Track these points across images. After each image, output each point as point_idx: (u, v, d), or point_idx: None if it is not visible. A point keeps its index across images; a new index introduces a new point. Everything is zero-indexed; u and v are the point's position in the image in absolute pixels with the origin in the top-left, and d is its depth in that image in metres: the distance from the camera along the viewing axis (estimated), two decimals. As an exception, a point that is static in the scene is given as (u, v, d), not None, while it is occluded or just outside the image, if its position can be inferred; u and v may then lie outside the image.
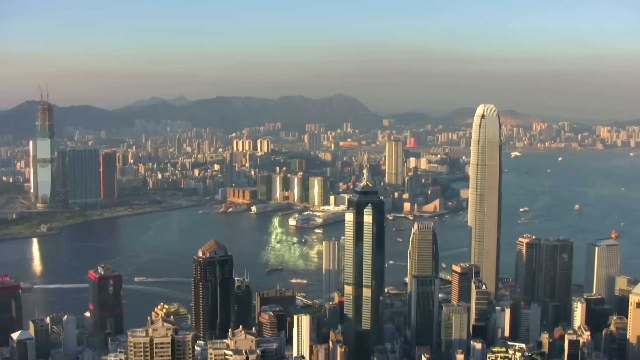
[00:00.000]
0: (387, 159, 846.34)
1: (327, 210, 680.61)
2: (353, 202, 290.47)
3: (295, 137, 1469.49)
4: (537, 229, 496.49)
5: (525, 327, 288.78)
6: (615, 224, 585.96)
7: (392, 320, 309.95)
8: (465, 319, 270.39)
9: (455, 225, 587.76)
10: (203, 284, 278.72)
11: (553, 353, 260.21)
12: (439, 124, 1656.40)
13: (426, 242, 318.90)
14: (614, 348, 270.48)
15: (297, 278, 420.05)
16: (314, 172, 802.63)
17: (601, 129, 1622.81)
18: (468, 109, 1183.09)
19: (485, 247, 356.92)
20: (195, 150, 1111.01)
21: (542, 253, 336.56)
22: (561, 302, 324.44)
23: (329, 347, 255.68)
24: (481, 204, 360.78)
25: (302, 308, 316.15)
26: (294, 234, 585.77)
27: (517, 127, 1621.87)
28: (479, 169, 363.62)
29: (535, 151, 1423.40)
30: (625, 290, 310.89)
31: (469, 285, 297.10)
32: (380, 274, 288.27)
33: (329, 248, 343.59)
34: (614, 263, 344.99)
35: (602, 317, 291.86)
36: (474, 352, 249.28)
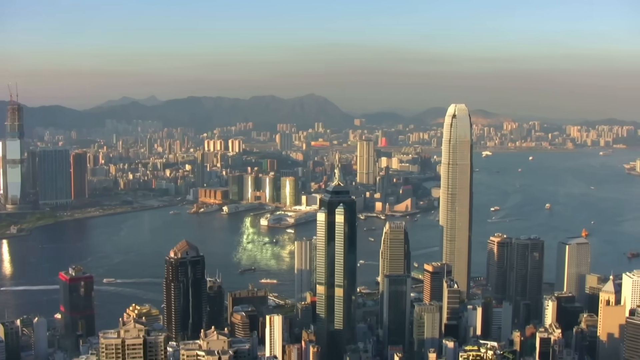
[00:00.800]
0: (358, 158, 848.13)
1: (299, 210, 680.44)
2: (325, 202, 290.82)
3: (266, 137, 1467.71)
4: (508, 227, 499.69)
5: (497, 326, 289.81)
6: (586, 222, 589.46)
7: (365, 320, 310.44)
8: (437, 318, 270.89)
9: (426, 224, 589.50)
10: (175, 285, 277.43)
11: (524, 351, 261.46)
12: (410, 123, 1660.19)
13: (398, 242, 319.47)
14: (584, 345, 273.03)
15: (268, 278, 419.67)
16: (285, 172, 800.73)
17: (571, 129, 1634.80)
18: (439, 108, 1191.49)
19: (457, 246, 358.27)
20: (167, 150, 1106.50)
21: (514, 252, 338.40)
22: (532, 300, 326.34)
23: (302, 347, 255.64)
24: (452, 203, 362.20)
25: (274, 308, 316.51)
26: (266, 234, 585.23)
27: (488, 126, 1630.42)
28: (450, 168, 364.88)
29: (506, 150, 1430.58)
30: (596, 288, 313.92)
31: (440, 284, 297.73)
32: (352, 273, 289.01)
33: (301, 248, 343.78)
34: (584, 261, 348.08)
35: (572, 315, 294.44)
36: (446, 351, 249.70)
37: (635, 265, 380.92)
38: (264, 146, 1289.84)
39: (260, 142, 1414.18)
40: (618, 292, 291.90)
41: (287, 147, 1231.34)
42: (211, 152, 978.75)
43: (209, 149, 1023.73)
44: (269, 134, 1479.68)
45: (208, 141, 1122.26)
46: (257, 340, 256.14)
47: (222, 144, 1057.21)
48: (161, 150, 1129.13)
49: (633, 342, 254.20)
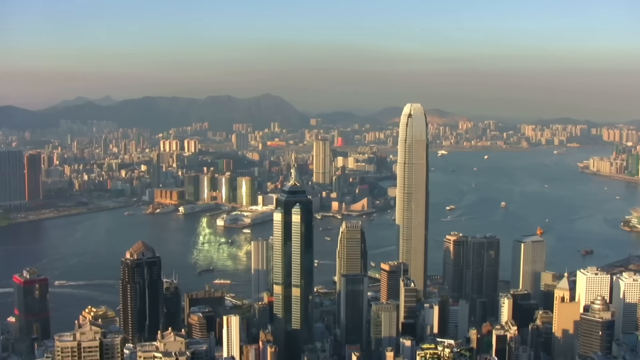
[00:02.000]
0: (314, 158, 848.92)
1: (255, 210, 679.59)
2: (281, 202, 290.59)
3: (222, 137, 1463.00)
4: (464, 226, 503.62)
5: (454, 324, 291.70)
6: (540, 220, 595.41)
7: (322, 319, 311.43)
8: (394, 317, 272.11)
9: (383, 223, 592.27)
10: (131, 286, 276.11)
11: (481, 348, 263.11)
12: (366, 123, 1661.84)
13: (354, 241, 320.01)
14: (540, 342, 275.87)
15: (222, 279, 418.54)
16: (241, 172, 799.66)
17: (526, 128, 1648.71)
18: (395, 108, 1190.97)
19: (413, 245, 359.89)
20: (122, 150, 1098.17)
21: (469, 250, 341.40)
22: (488, 298, 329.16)
23: (259, 347, 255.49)
24: (409, 203, 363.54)
25: (231, 308, 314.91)
26: (222, 234, 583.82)
27: (444, 125, 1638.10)
28: (406, 167, 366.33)
29: (462, 149, 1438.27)
30: (551, 285, 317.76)
31: (397, 283, 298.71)
32: (309, 273, 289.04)
33: (258, 248, 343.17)
34: (539, 259, 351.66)
35: (528, 312, 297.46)
36: (403, 350, 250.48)
37: (589, 262, 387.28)
38: (220, 146, 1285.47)
39: (216, 142, 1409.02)
40: (572, 289, 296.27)
41: (243, 147, 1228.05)
42: (167, 152, 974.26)
43: (165, 149, 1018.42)
44: (225, 134, 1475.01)
45: (164, 141, 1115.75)
46: (215, 341, 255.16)
47: (178, 144, 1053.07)
48: (116, 151, 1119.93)
49: (587, 337, 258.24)
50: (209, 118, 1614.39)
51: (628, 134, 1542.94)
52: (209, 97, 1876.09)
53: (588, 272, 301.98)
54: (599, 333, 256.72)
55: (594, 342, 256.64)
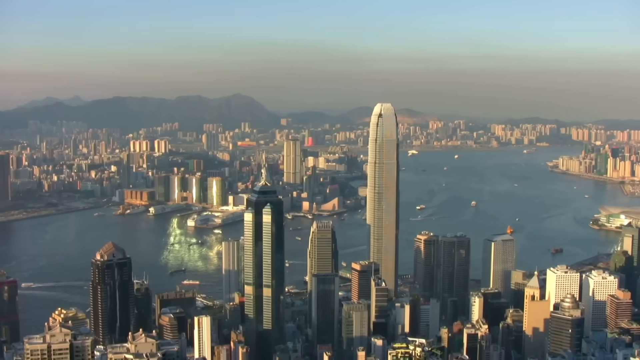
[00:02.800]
0: (285, 158, 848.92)
1: (226, 210, 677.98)
2: (252, 202, 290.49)
3: (193, 137, 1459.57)
4: (435, 225, 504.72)
5: (425, 323, 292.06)
6: (511, 219, 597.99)
7: (293, 319, 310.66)
8: (365, 316, 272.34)
9: (354, 223, 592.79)
10: (101, 288, 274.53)
11: (452, 347, 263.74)
12: (336, 123, 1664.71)
13: (325, 241, 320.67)
14: (510, 340, 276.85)
15: (190, 279, 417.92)
16: (212, 173, 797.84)
17: (496, 127, 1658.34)
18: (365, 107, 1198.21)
19: (384, 244, 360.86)
20: (92, 151, 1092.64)
21: (440, 249, 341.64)
22: (459, 297, 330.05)
23: (231, 347, 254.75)
24: (379, 202, 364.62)
25: (202, 309, 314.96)
26: (193, 235, 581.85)
27: (414, 125, 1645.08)
28: (376, 167, 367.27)
29: (432, 149, 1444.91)
30: (521, 284, 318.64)
31: (368, 282, 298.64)
32: (280, 273, 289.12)
33: (229, 248, 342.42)
34: (509, 258, 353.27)
35: (499, 310, 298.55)
36: (374, 349, 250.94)
37: (559, 260, 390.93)
38: (191, 146, 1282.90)
39: (187, 142, 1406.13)
40: (542, 287, 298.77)
41: (214, 147, 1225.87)
42: (137, 152, 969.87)
43: (135, 149, 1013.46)
44: (195, 134, 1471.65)
45: (134, 142, 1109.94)
46: (186, 341, 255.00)
47: (148, 144, 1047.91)
48: (86, 152, 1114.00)
49: (557, 335, 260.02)
50: (180, 118, 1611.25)
51: (597, 133, 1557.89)
52: (180, 97, 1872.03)
53: (558, 271, 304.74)
54: (568, 331, 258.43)
55: (564, 340, 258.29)
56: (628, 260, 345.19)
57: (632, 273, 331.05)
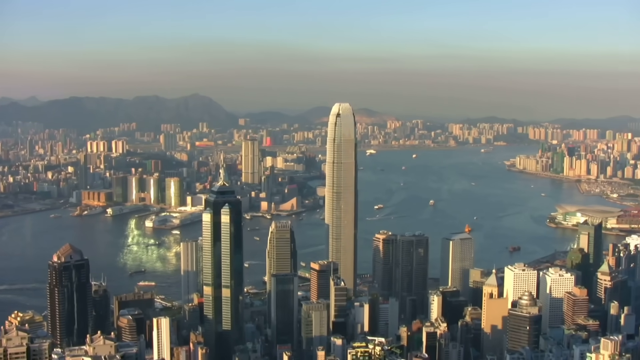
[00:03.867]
0: (243, 158, 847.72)
1: (184, 211, 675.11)
2: (210, 202, 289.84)
3: (150, 138, 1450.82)
4: (393, 225, 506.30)
5: (384, 322, 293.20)
6: (469, 218, 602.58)
7: (253, 320, 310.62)
8: (324, 316, 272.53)
9: (312, 223, 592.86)
10: (59, 290, 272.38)
11: (412, 346, 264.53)
12: (294, 122, 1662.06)
13: (284, 241, 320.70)
14: (469, 338, 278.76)
15: (145, 280, 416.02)
16: (170, 173, 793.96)
17: (454, 127, 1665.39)
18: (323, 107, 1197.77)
19: (343, 244, 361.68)
20: (48, 152, 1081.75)
21: (399, 248, 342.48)
22: (418, 295, 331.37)
23: (190, 348, 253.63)
24: (338, 202, 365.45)
25: (161, 310, 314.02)
26: (151, 236, 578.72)
27: (372, 125, 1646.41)
28: (335, 167, 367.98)
29: (390, 149, 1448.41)
30: (479, 282, 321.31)
31: (327, 282, 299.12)
32: (239, 273, 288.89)
33: (187, 249, 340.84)
34: (467, 256, 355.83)
35: (457, 308, 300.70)
36: (334, 348, 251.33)
37: (516, 258, 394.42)
38: (148, 147, 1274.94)
39: (144, 142, 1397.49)
40: (500, 285, 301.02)
41: (172, 148, 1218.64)
42: (94, 153, 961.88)
43: (92, 150, 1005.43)
44: (152, 134, 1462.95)
45: (91, 142, 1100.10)
46: (145, 343, 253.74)
47: (105, 145, 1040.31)
48: (42, 152, 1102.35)
49: (515, 332, 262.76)
50: (137, 118, 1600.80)
51: (553, 132, 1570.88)
52: (137, 97, 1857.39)
53: (515, 269, 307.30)
54: (526, 328, 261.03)
55: (522, 337, 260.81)
56: (584, 258, 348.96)
57: (588, 270, 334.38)
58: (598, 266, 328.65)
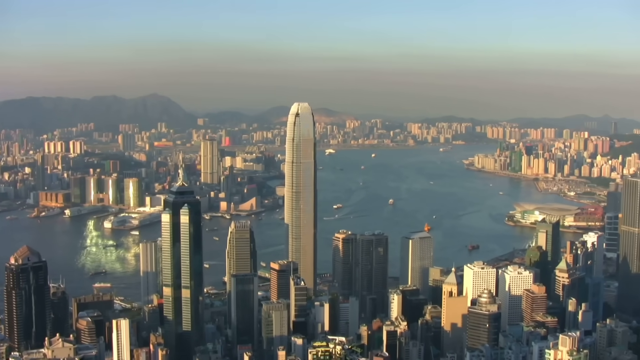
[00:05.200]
0: (202, 158, 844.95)
1: (143, 211, 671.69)
2: (169, 203, 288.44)
3: (108, 138, 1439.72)
4: (353, 224, 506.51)
5: (345, 321, 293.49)
6: (428, 217, 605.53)
7: (213, 320, 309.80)
8: (285, 316, 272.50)
9: (272, 223, 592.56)
10: (16, 292, 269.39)
11: (372, 344, 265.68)
12: (253, 122, 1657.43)
13: (243, 241, 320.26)
14: (429, 336, 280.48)
15: (101, 282, 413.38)
16: (128, 173, 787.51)
17: (412, 126, 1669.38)
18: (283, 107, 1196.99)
19: (302, 243, 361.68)
20: (4, 152, 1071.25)
21: (358, 248, 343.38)
22: (378, 294, 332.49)
23: (150, 350, 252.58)
24: (297, 202, 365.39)
25: (120, 312, 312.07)
26: (110, 237, 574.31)
27: (331, 124, 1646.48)
28: (294, 166, 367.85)
29: (349, 148, 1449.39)
30: (439, 280, 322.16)
31: (287, 282, 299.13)
32: (199, 274, 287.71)
33: (146, 250, 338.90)
34: (427, 255, 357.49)
35: (417, 307, 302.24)
36: (295, 348, 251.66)
37: (475, 257, 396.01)
38: (106, 147, 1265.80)
39: (103, 143, 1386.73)
40: (460, 284, 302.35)
41: (130, 148, 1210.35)
42: (51, 154, 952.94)
43: (49, 150, 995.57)
44: (111, 134, 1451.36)
45: (48, 143, 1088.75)
46: (104, 345, 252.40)
47: (63, 145, 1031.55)
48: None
49: (475, 330, 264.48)
50: (95, 118, 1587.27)
51: (511, 131, 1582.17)
52: (95, 97, 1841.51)
53: (474, 267, 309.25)
54: (486, 325, 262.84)
55: (481, 335, 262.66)
56: (542, 255, 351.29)
57: (546, 268, 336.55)
58: (556, 264, 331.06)
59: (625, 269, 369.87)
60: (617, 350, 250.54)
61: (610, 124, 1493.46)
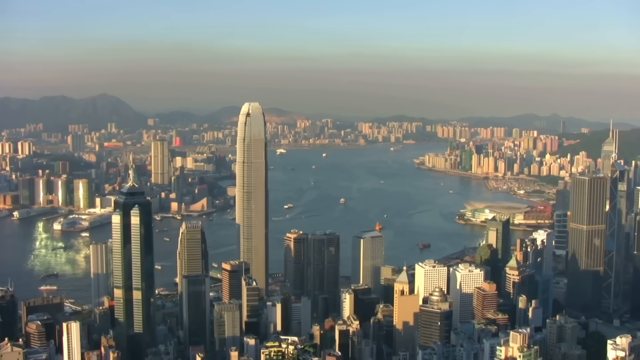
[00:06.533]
0: (152, 159, 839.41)
1: (94, 213, 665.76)
2: (119, 204, 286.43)
3: (58, 139, 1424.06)
4: (305, 224, 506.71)
5: (297, 321, 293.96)
6: (379, 216, 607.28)
7: (165, 322, 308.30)
8: (237, 316, 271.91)
9: (223, 223, 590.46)
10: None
11: (325, 344, 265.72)
12: (204, 122, 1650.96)
13: (195, 242, 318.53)
14: (382, 335, 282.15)
15: (48, 284, 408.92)
16: (78, 174, 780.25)
17: (363, 125, 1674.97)
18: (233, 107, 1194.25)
19: (254, 244, 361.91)
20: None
21: (310, 247, 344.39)
22: (330, 294, 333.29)
23: (101, 353, 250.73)
24: (248, 202, 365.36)
25: (71, 315, 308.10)
26: (60, 239, 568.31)
27: (282, 124, 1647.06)
28: (245, 166, 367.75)
29: (300, 148, 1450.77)
30: (390, 279, 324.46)
31: (239, 282, 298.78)
32: (150, 275, 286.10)
33: (97, 251, 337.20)
34: (378, 254, 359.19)
35: (369, 306, 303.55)
36: (247, 349, 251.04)
37: (427, 255, 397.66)
38: (56, 148, 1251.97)
39: (52, 144, 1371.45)
40: (411, 282, 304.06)
41: (80, 149, 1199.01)
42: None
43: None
44: (60, 135, 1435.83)
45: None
46: (55, 349, 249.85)
47: (11, 146, 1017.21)
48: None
49: (427, 328, 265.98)
50: (44, 119, 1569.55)
51: (461, 130, 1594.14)
52: (44, 97, 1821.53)
53: (426, 265, 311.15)
54: (437, 323, 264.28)
55: (433, 333, 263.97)
56: (493, 253, 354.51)
57: (497, 265, 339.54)
58: (506, 261, 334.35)
59: (574, 265, 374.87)
60: (567, 345, 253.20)
61: (558, 123, 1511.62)
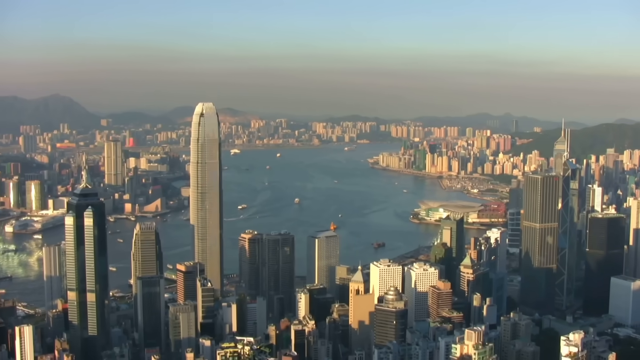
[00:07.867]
0: (106, 159, 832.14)
1: (46, 214, 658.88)
2: (72, 205, 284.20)
3: (9, 140, 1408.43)
4: (259, 224, 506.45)
5: (252, 321, 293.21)
6: (334, 216, 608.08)
7: (119, 324, 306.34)
8: (192, 317, 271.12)
9: (177, 224, 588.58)
10: None
11: (280, 344, 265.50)
12: (157, 123, 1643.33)
13: (149, 243, 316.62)
14: (337, 334, 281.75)
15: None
16: (30, 176, 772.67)
17: (317, 125, 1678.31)
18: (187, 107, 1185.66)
19: (209, 244, 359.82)
20: None
21: (265, 248, 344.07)
22: (285, 294, 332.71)
23: (55, 356, 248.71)
24: (202, 202, 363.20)
25: (24, 318, 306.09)
26: (12, 241, 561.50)
27: (236, 124, 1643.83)
28: (199, 167, 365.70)
29: (255, 148, 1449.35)
30: (345, 278, 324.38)
31: (194, 283, 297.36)
32: (104, 277, 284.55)
33: (49, 254, 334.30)
34: (333, 253, 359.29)
35: (325, 305, 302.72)
36: (203, 350, 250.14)
37: (381, 254, 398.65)
38: (7, 149, 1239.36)
39: (2, 145, 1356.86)
40: (367, 281, 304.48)
41: (31, 150, 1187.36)
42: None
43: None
44: (11, 136, 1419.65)
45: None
46: (7, 353, 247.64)
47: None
48: None
49: (382, 327, 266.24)
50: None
51: (415, 130, 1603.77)
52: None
53: (381, 264, 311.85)
54: (393, 322, 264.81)
55: (389, 331, 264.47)
56: (447, 252, 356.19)
57: (451, 264, 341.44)
58: (461, 260, 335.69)
59: (528, 263, 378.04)
60: (521, 342, 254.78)
61: (511, 122, 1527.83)
